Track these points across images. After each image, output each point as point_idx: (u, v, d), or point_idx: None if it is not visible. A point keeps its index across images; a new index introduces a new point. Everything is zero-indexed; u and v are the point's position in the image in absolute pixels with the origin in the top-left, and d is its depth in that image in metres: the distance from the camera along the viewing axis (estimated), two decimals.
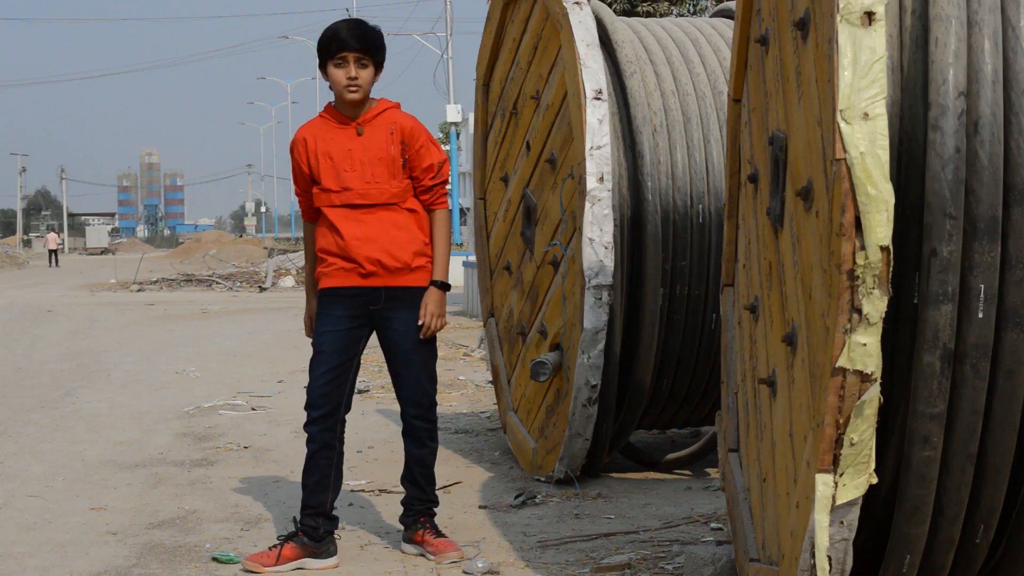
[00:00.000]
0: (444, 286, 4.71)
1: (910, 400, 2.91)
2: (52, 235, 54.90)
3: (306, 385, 4.76)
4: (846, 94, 2.76)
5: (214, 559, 4.73)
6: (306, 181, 4.72)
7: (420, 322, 4.66)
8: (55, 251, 52.25)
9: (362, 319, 4.69)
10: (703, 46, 6.11)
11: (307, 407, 4.67)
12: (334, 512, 4.70)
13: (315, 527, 4.63)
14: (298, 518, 4.68)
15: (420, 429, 4.74)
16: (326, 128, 4.68)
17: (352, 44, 4.54)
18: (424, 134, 4.69)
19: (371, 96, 4.67)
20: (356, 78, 4.56)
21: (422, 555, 4.73)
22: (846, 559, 2.92)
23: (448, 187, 4.77)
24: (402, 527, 4.87)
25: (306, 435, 4.68)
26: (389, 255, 4.63)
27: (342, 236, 4.63)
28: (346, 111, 4.65)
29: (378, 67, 4.62)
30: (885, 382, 2.87)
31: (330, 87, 4.64)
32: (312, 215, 4.79)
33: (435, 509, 4.83)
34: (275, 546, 4.62)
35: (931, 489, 2.94)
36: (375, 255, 4.61)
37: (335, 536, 4.70)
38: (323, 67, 4.63)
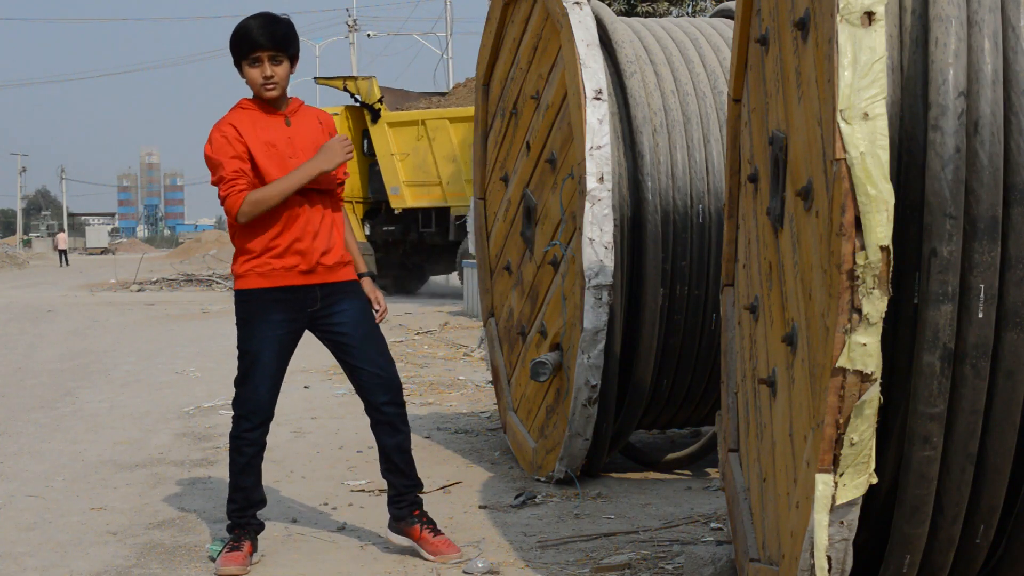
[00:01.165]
0: (373, 275, 4.86)
1: (910, 400, 2.91)
2: (62, 235, 55.37)
3: (239, 388, 4.69)
4: (846, 94, 2.76)
5: (212, 559, 4.73)
6: (245, 161, 4.49)
7: (377, 309, 4.76)
8: (64, 251, 52.77)
9: (298, 322, 4.64)
10: (703, 46, 6.11)
11: (249, 415, 4.65)
12: None
13: (261, 523, 4.78)
14: (236, 523, 4.70)
15: (394, 415, 4.70)
16: (255, 119, 4.55)
17: (264, 43, 4.45)
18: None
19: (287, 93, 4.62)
20: (272, 76, 4.49)
21: (416, 552, 4.71)
22: (846, 559, 2.92)
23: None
24: (391, 517, 4.83)
25: (240, 442, 4.68)
26: (329, 251, 4.59)
27: (287, 229, 4.52)
28: (270, 103, 4.58)
29: (293, 60, 4.55)
30: (885, 382, 2.87)
31: (247, 83, 4.57)
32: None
33: (420, 494, 4.83)
34: (235, 549, 4.63)
35: (931, 489, 2.94)
36: (317, 249, 4.55)
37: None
38: (238, 65, 4.55)
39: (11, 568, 4.71)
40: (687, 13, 19.53)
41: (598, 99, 5.50)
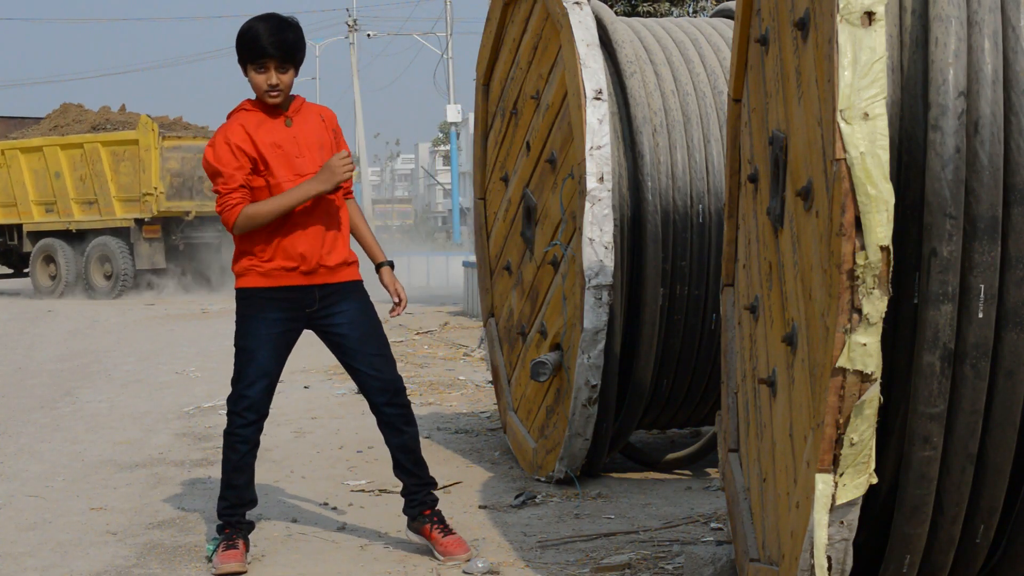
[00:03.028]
0: (391, 264, 4.81)
1: (910, 400, 2.91)
2: None
3: (234, 385, 4.66)
4: (846, 94, 2.76)
5: (208, 559, 4.72)
6: (246, 164, 4.52)
7: (396, 300, 4.72)
8: None
9: (296, 321, 4.66)
10: (703, 46, 6.11)
11: (243, 411, 4.62)
12: None
13: (251, 522, 4.76)
14: (227, 522, 4.69)
15: (394, 416, 4.71)
16: (260, 120, 4.57)
17: (272, 52, 4.45)
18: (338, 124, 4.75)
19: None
20: (277, 84, 4.50)
21: (429, 551, 4.72)
22: (846, 559, 2.92)
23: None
24: (407, 517, 4.85)
25: (234, 438, 4.66)
26: (331, 252, 4.60)
27: (286, 231, 4.54)
28: (270, 107, 4.59)
29: (298, 66, 4.55)
30: (885, 382, 2.87)
31: (251, 85, 4.57)
32: (242, 196, 4.55)
33: (434, 492, 4.82)
34: (231, 547, 4.63)
35: (931, 489, 2.94)
36: (319, 251, 4.57)
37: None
38: (243, 65, 4.54)
39: (11, 568, 4.71)
40: (688, 13, 19.54)
41: (598, 99, 5.50)
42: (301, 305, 4.62)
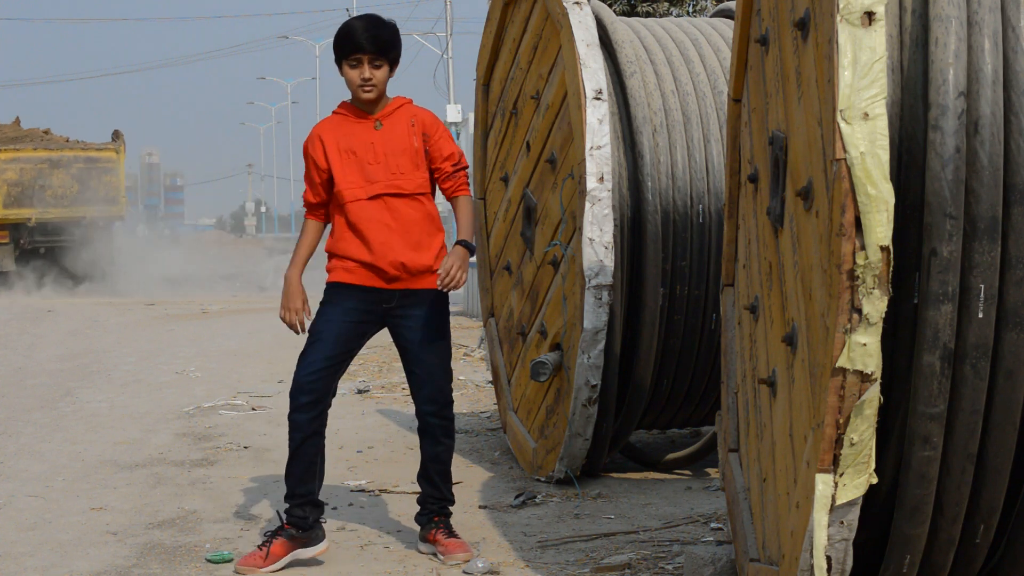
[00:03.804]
0: (469, 246, 4.60)
1: (910, 400, 2.91)
2: None
3: (296, 369, 4.65)
4: (846, 94, 2.76)
5: (208, 560, 4.72)
6: (322, 176, 4.67)
7: (439, 274, 4.49)
8: None
9: (372, 315, 4.68)
10: (703, 46, 6.11)
11: (295, 393, 4.60)
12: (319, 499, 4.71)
13: (303, 517, 4.63)
14: (282, 512, 4.67)
15: (435, 427, 4.72)
16: (343, 124, 4.67)
17: (366, 46, 4.53)
18: (441, 125, 4.72)
19: (386, 94, 4.67)
20: (370, 79, 4.56)
21: (434, 555, 4.73)
22: (846, 559, 2.92)
23: (468, 175, 4.77)
24: (419, 526, 4.84)
25: (290, 423, 4.63)
26: (414, 259, 4.61)
27: (368, 241, 4.60)
28: (363, 107, 4.65)
29: (393, 64, 4.62)
30: (885, 382, 2.87)
31: (346, 83, 4.65)
32: (317, 212, 4.76)
33: (450, 508, 4.82)
34: (263, 544, 4.61)
35: (931, 489, 2.94)
36: (400, 258, 4.60)
37: (322, 521, 4.69)
38: (338, 63, 4.63)
39: (11, 568, 4.71)
40: (687, 13, 19.54)
41: (598, 99, 5.50)
42: (380, 301, 4.65)
